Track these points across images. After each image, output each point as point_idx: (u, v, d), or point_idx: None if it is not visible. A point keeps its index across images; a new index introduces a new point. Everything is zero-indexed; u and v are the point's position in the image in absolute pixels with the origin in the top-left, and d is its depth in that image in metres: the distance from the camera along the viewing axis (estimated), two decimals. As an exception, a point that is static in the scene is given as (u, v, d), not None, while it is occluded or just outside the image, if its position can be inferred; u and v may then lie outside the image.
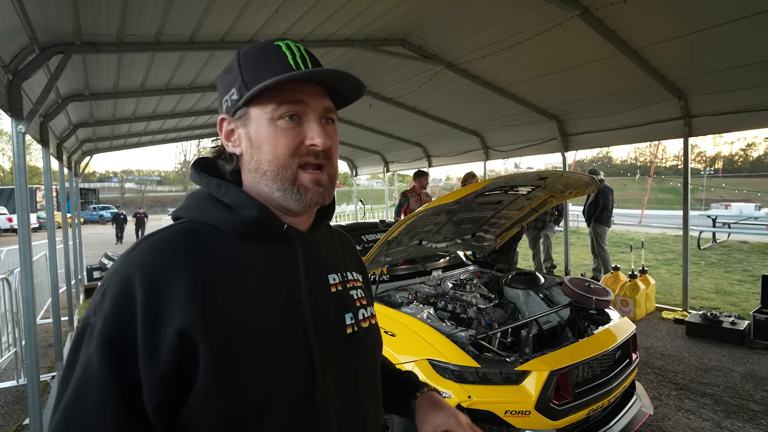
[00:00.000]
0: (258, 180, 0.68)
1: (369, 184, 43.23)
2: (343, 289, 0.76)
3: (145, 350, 0.55)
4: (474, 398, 2.09)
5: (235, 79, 0.68)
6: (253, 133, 0.67)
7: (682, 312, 5.13)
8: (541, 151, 6.96)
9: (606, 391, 2.30)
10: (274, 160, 0.66)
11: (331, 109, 0.70)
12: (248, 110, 0.67)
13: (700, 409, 3.04)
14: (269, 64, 0.66)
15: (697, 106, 4.91)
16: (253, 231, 0.67)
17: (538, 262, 6.81)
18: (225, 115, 0.70)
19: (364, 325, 0.77)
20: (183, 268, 0.60)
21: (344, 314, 0.74)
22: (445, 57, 5.30)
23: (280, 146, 0.65)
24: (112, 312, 0.56)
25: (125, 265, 0.60)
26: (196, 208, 0.69)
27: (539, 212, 3.48)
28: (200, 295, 0.59)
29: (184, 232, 0.65)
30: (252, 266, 0.65)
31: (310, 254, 0.72)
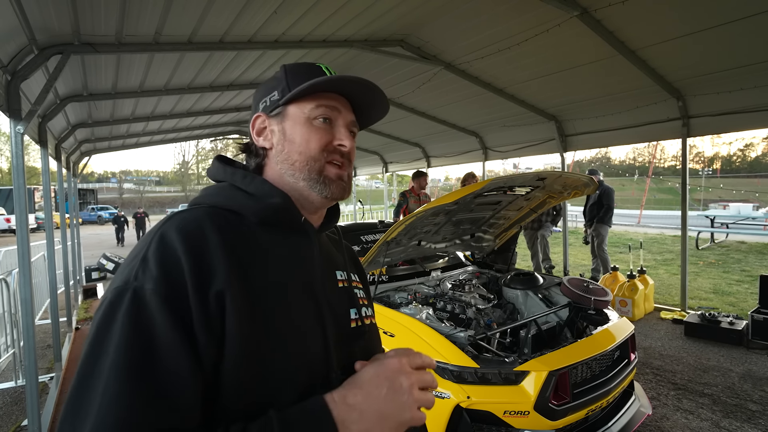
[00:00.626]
0: (284, 170, 0.74)
1: (368, 185, 43.23)
2: (348, 286, 0.81)
3: (198, 310, 0.56)
4: (473, 398, 2.09)
5: (279, 84, 0.76)
6: (288, 128, 0.74)
7: (681, 312, 5.14)
8: (540, 151, 6.97)
9: (605, 392, 2.30)
10: (305, 152, 0.73)
11: (355, 123, 0.79)
12: (286, 108, 0.75)
13: (699, 409, 3.04)
14: (313, 74, 0.75)
15: (695, 106, 4.92)
16: (274, 218, 0.71)
17: (537, 262, 6.82)
18: (261, 113, 0.77)
19: (366, 322, 0.81)
20: (217, 237, 0.62)
21: (350, 309, 0.78)
22: (444, 57, 5.30)
23: (313, 140, 0.73)
24: (163, 274, 0.57)
25: (162, 234, 0.61)
26: (219, 195, 0.72)
27: (538, 213, 3.48)
28: (234, 264, 0.61)
29: (209, 213, 0.67)
30: (272, 251, 0.69)
31: (321, 248, 0.77)
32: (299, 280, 0.70)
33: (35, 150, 30.80)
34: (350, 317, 0.77)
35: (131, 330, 0.53)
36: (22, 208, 2.84)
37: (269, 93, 0.77)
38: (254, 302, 0.61)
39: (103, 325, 0.54)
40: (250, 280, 0.62)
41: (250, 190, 0.72)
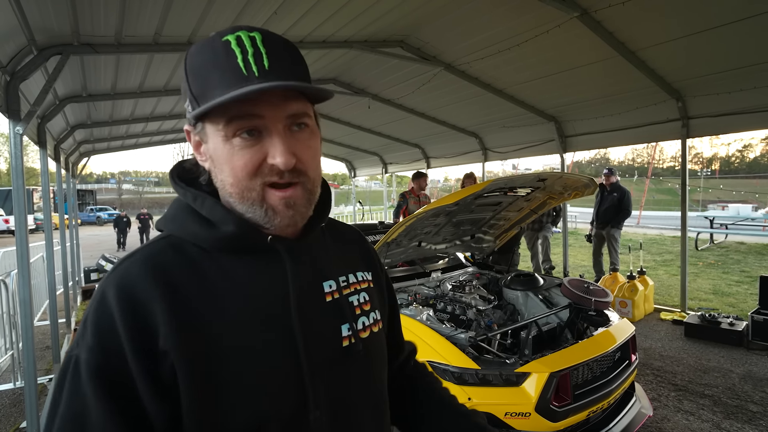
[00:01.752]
0: (227, 199, 0.62)
1: (367, 186, 43.24)
2: (340, 297, 0.69)
3: (142, 377, 0.53)
4: (474, 400, 2.09)
5: (186, 90, 0.60)
6: (212, 151, 0.60)
7: (681, 313, 5.14)
8: (540, 152, 6.97)
9: (606, 393, 2.30)
10: (235, 183, 0.59)
11: (299, 113, 0.59)
12: (204, 125, 0.60)
13: (700, 410, 3.04)
14: (217, 69, 0.56)
15: (695, 107, 4.92)
16: (232, 246, 0.62)
17: (537, 263, 6.82)
18: (188, 126, 0.63)
19: (364, 335, 0.70)
20: (157, 290, 0.56)
21: (340, 325, 0.67)
22: (443, 58, 5.30)
23: (238, 168, 0.58)
24: (97, 342, 0.53)
25: (101, 294, 0.57)
26: (175, 221, 0.65)
27: (538, 213, 3.48)
28: (177, 316, 0.55)
29: (163, 250, 0.61)
30: (234, 282, 0.60)
31: (300, 264, 0.66)
32: (266, 309, 0.61)
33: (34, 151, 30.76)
34: (341, 335, 0.67)
35: (69, 402, 0.53)
36: (21, 209, 2.83)
37: (185, 99, 0.61)
38: (207, 353, 0.55)
39: (56, 391, 0.55)
40: (198, 329, 0.56)
41: (204, 214, 0.62)
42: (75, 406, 0.52)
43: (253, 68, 0.55)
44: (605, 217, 6.32)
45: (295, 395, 0.59)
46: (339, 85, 6.61)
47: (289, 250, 0.65)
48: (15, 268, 3.38)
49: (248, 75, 0.55)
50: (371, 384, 0.72)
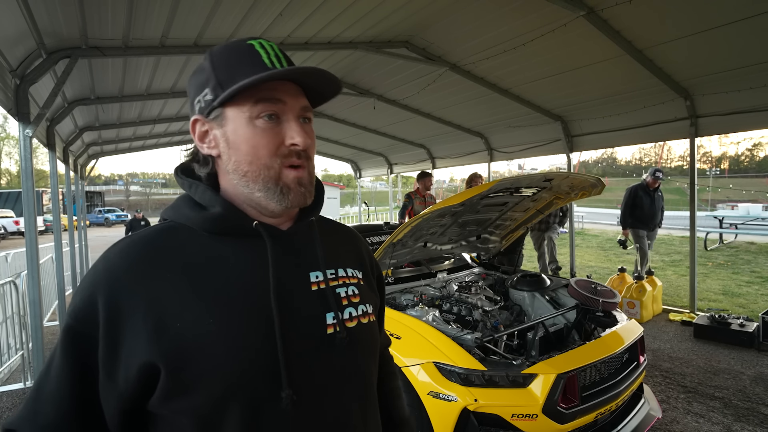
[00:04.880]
0: (236, 181, 0.67)
1: (373, 186, 43.27)
2: (326, 287, 0.71)
3: (105, 369, 0.59)
4: (480, 401, 2.08)
5: (209, 79, 0.66)
6: (230, 134, 0.65)
7: (690, 314, 5.08)
8: (546, 152, 6.93)
9: (614, 395, 2.27)
10: (255, 161, 0.65)
11: (308, 108, 0.69)
12: (224, 110, 0.65)
13: (710, 412, 3.00)
14: (243, 63, 0.64)
15: (703, 106, 4.87)
16: (219, 228, 0.67)
17: (543, 263, 6.78)
18: (198, 116, 0.68)
19: (351, 324, 0.72)
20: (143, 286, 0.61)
21: (325, 313, 0.69)
22: (449, 58, 5.30)
23: (261, 146, 0.64)
24: (75, 317, 0.60)
25: (93, 270, 0.63)
26: (174, 208, 0.71)
27: (545, 213, 3.46)
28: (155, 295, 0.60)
29: (159, 231, 0.67)
30: (219, 262, 0.65)
31: (285, 251, 0.70)
32: (246, 289, 0.64)
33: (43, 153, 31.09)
34: (326, 322, 0.69)
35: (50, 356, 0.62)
36: (31, 210, 2.87)
37: (200, 91, 0.67)
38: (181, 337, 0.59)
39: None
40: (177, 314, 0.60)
41: (197, 199, 0.69)
42: (49, 363, 0.62)
43: (276, 64, 0.65)
44: (653, 220, 5.93)
45: (268, 372, 0.61)
46: (344, 86, 6.62)
47: (273, 236, 0.69)
48: (25, 269, 3.42)
49: (272, 68, 0.64)
50: (357, 374, 0.73)
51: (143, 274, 0.61)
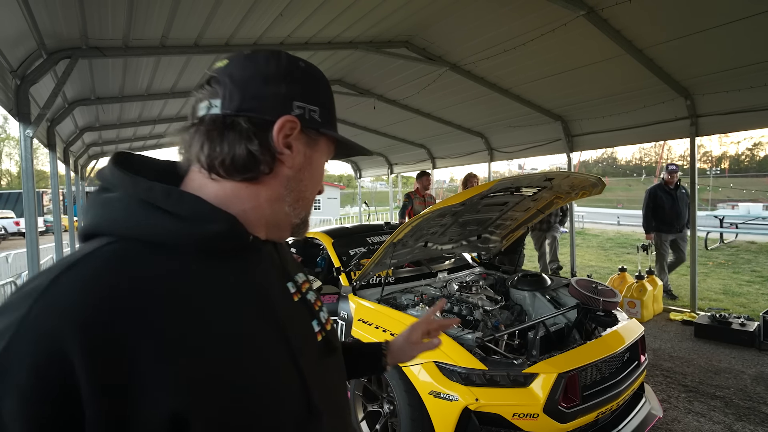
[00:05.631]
0: (288, 200, 0.63)
1: (373, 186, 43.28)
2: (301, 296, 0.70)
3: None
4: (482, 401, 2.08)
5: (320, 100, 0.64)
6: (315, 160, 0.65)
7: (690, 313, 5.08)
8: (546, 152, 6.93)
9: (615, 394, 2.27)
10: (314, 192, 0.67)
11: None
12: (321, 138, 0.65)
13: (711, 411, 3.00)
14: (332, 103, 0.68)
15: (703, 105, 4.87)
16: (214, 247, 0.55)
17: (544, 263, 6.78)
18: (296, 118, 0.60)
19: (328, 327, 0.72)
20: (144, 319, 0.45)
21: (311, 322, 0.68)
22: (449, 58, 5.30)
23: (320, 183, 0.68)
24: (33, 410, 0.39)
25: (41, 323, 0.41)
26: (130, 219, 0.52)
27: (545, 213, 3.46)
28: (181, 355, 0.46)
29: (126, 260, 0.49)
30: (224, 293, 0.54)
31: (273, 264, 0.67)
32: (262, 318, 0.57)
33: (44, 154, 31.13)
34: (314, 331, 0.68)
35: None
36: (32, 211, 2.87)
37: (308, 100, 0.62)
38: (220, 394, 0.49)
39: None
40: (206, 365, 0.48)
41: (178, 211, 0.53)
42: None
43: None
44: (680, 220, 5.54)
45: (299, 392, 0.58)
46: (344, 86, 6.63)
47: (268, 250, 0.66)
48: (26, 269, 3.42)
49: None
50: (343, 374, 0.77)
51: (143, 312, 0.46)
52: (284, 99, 0.59)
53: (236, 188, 0.59)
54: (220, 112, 0.57)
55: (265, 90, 0.58)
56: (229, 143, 0.56)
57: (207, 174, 0.58)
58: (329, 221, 21.68)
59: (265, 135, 0.58)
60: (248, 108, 0.57)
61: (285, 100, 0.59)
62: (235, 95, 0.57)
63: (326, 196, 32.76)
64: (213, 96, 0.58)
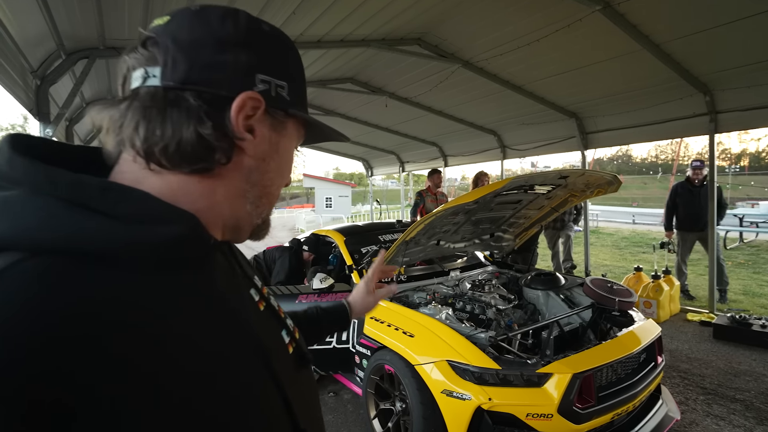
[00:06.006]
0: (250, 194, 0.52)
1: (384, 185, 43.29)
2: (266, 303, 0.60)
3: None
4: (495, 400, 2.06)
5: (289, 73, 0.53)
6: (282, 147, 0.54)
7: (709, 314, 4.97)
8: (560, 149, 6.84)
9: (631, 395, 2.24)
10: (281, 185, 0.56)
11: None
12: (289, 121, 0.54)
13: (730, 415, 2.93)
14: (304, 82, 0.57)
15: (723, 101, 4.75)
16: (176, 255, 0.44)
17: (557, 262, 6.70)
18: (259, 96, 0.48)
19: (297, 336, 0.64)
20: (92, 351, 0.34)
21: (280, 332, 0.59)
22: (461, 55, 5.26)
23: (289, 173, 0.57)
24: None
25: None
26: (50, 226, 0.37)
27: (559, 212, 3.42)
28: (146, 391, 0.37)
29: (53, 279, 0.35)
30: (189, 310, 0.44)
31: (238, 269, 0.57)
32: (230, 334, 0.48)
33: (62, 153, 31.65)
34: (285, 342, 0.59)
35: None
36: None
37: (275, 73, 0.50)
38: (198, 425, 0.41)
39: None
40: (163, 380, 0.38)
41: (120, 212, 0.40)
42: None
43: None
44: (703, 217, 5.18)
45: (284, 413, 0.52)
46: (356, 84, 6.63)
47: (233, 253, 0.57)
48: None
49: None
50: (316, 388, 0.70)
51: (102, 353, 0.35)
52: (246, 70, 0.47)
53: (184, 182, 0.47)
54: (159, 84, 0.44)
55: (221, 57, 0.46)
56: (173, 125, 0.44)
57: (144, 164, 0.45)
58: (341, 219, 21.75)
59: (221, 115, 0.46)
60: (198, 80, 0.45)
61: (246, 72, 0.48)
62: (180, 62, 0.45)
63: (338, 194, 32.87)
64: (150, 62, 0.45)
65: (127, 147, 0.46)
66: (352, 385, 3.14)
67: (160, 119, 0.44)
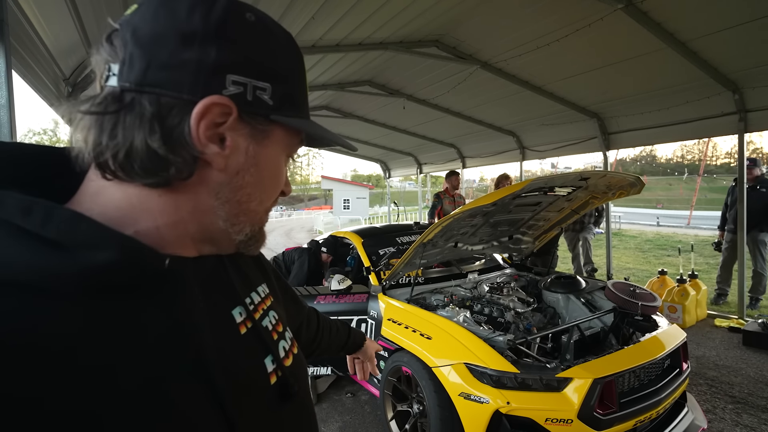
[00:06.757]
0: (220, 212, 0.45)
1: (401, 186, 43.27)
2: (253, 324, 0.53)
3: None
4: (513, 404, 2.05)
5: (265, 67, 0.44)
6: (263, 159, 0.46)
7: (738, 320, 4.80)
8: (581, 150, 6.72)
9: (654, 402, 2.19)
10: (265, 201, 0.49)
11: None
12: (275, 129, 0.46)
13: (762, 425, 2.83)
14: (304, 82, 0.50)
15: (754, 99, 4.59)
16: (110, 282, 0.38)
17: (578, 265, 6.58)
18: (227, 99, 0.41)
19: (288, 363, 0.56)
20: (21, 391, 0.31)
21: (264, 359, 0.52)
22: (480, 56, 5.23)
23: (277, 187, 0.50)
24: None
25: None
26: None
27: (580, 214, 3.36)
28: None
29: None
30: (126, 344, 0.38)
31: (205, 292, 0.48)
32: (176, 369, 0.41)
33: (90, 156, 32.64)
34: (267, 371, 0.52)
35: None
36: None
37: (254, 72, 0.43)
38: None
39: None
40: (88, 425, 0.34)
41: (47, 234, 0.36)
42: None
43: None
44: (754, 219, 5.00)
45: None
46: (374, 86, 6.67)
47: (195, 274, 0.47)
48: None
49: None
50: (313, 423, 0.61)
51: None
52: (213, 70, 0.40)
53: (145, 196, 0.42)
54: (117, 85, 0.39)
55: (183, 55, 0.39)
56: (123, 132, 0.39)
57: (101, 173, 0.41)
58: (358, 221, 21.85)
59: (179, 124, 0.40)
60: (155, 81, 0.39)
61: (214, 72, 0.41)
62: (136, 61, 0.39)
63: (355, 196, 32.95)
64: (113, 59, 0.40)
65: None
66: (370, 386, 3.16)
67: (111, 125, 0.39)
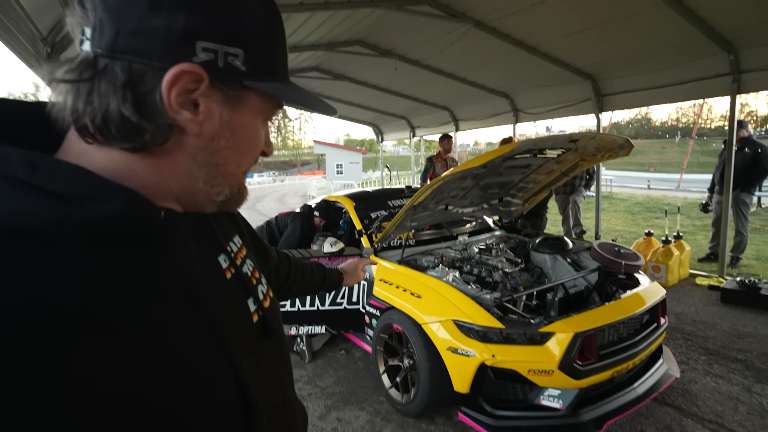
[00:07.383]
0: (198, 173, 0.47)
1: (395, 151, 42.89)
2: (236, 270, 0.58)
3: None
4: (498, 357, 2.16)
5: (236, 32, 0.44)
6: (236, 123, 0.47)
7: (718, 278, 4.98)
8: (575, 112, 6.67)
9: (631, 354, 2.31)
10: (244, 163, 0.51)
11: None
12: (249, 94, 0.47)
13: (730, 373, 3.01)
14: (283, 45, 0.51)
15: (749, 60, 4.54)
16: (114, 232, 0.41)
17: (567, 227, 6.70)
18: (199, 66, 0.41)
19: (266, 304, 0.61)
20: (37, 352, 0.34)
21: (246, 300, 0.58)
22: (473, 15, 5.07)
23: (255, 150, 0.52)
24: None
25: None
26: None
27: (569, 176, 3.40)
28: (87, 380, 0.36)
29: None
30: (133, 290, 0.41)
31: (195, 241, 0.51)
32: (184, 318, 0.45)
33: (75, 121, 31.73)
34: (250, 312, 0.57)
35: None
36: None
37: (224, 38, 0.43)
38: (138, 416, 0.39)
39: None
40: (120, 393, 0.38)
41: (51, 187, 0.38)
42: None
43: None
44: (736, 179, 5.08)
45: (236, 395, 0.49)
46: (365, 46, 6.48)
47: (185, 224, 0.50)
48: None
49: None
50: (286, 362, 0.67)
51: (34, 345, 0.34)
52: (183, 37, 0.41)
53: (126, 159, 0.43)
54: (90, 50, 0.40)
55: (152, 22, 0.39)
56: (99, 97, 0.40)
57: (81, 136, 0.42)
58: (351, 185, 21.79)
59: (151, 91, 0.41)
60: (125, 48, 0.39)
61: (184, 39, 0.41)
62: (106, 26, 0.39)
63: (348, 161, 32.70)
64: (85, 22, 0.40)
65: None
66: (363, 343, 3.29)
67: (87, 91, 0.40)
